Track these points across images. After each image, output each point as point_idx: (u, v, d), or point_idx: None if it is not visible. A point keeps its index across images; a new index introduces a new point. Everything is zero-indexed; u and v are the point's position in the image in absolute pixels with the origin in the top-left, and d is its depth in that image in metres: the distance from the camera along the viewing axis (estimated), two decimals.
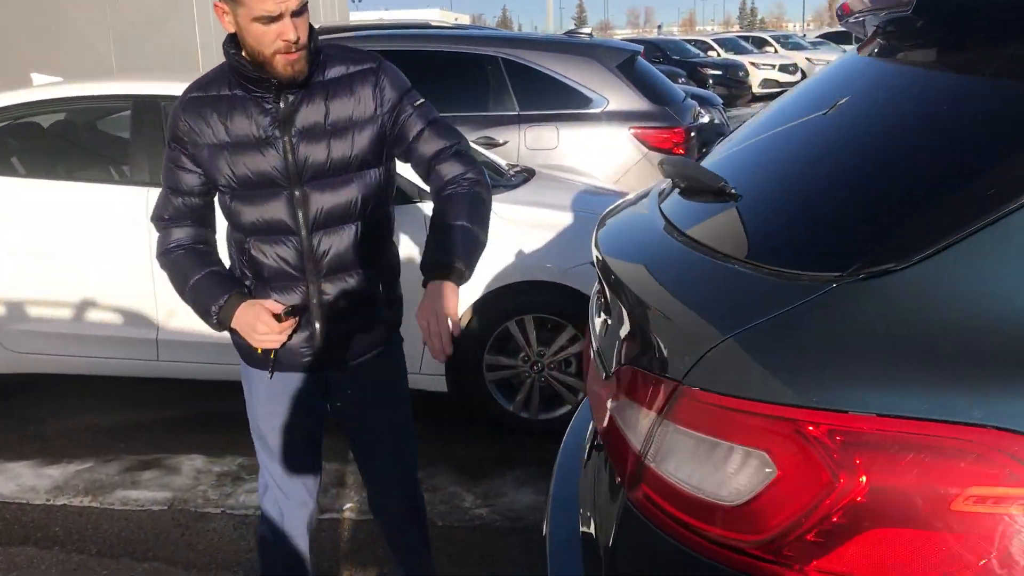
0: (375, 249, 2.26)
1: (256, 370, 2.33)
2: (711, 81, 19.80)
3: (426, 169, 2.20)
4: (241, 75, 2.07)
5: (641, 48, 7.27)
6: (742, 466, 1.11)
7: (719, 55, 24.33)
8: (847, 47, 26.30)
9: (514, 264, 3.98)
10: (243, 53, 2.05)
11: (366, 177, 2.16)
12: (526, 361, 4.12)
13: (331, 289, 2.20)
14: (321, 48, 2.13)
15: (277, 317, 2.11)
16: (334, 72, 2.14)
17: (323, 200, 2.13)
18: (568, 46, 6.83)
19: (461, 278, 2.05)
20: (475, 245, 2.10)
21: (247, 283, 2.23)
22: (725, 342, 1.15)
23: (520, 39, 7.48)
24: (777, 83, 23.45)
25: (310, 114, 2.10)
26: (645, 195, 1.95)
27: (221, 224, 2.29)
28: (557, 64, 6.57)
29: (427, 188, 2.26)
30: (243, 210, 2.15)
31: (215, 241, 2.30)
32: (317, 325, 2.22)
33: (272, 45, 1.98)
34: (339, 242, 2.17)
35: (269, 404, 2.35)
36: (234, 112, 2.10)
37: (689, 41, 25.56)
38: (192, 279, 2.19)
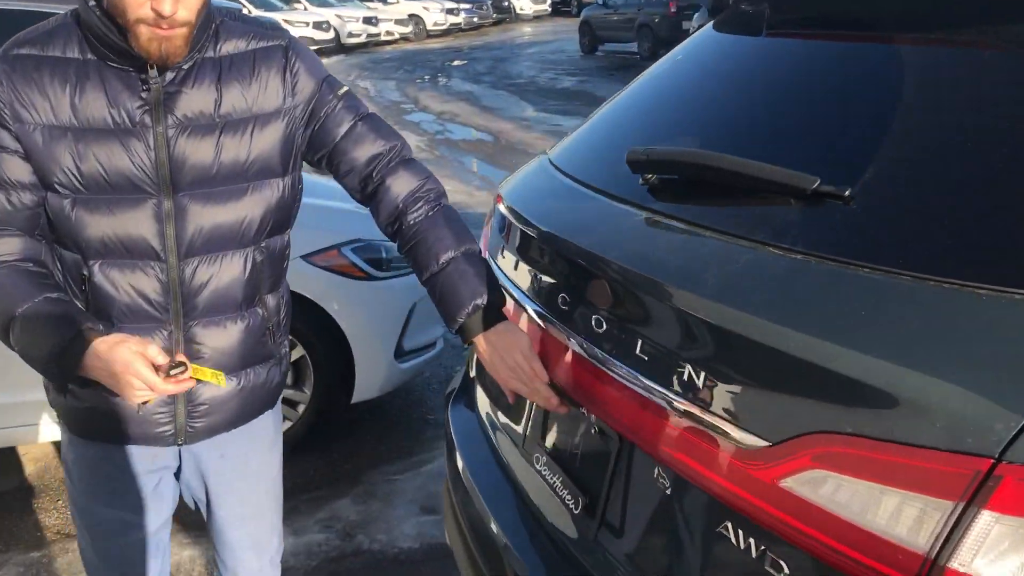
0: (268, 286, 1.70)
1: (88, 442, 1.68)
2: None
3: (361, 179, 1.68)
4: (97, 37, 1.44)
5: (240, 6, 6.61)
6: None
7: (251, 12, 23.42)
8: (371, 4, 26.45)
9: None
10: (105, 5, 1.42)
11: (266, 189, 1.61)
12: None
13: (205, 337, 1.62)
14: (215, 18, 1.56)
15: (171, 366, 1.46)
16: (231, 47, 1.56)
17: (204, 217, 1.55)
18: None
19: (503, 309, 1.63)
20: (487, 269, 1.66)
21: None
22: None
23: None
24: (314, 41, 23.23)
25: (196, 99, 1.51)
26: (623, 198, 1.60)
27: None
28: None
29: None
30: (88, 221, 1.51)
31: (53, 258, 1.60)
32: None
33: (137, 10, 1.37)
34: (222, 274, 1.60)
35: (102, 490, 1.70)
36: (86, 84, 1.47)
37: None
38: (19, 309, 1.46)
